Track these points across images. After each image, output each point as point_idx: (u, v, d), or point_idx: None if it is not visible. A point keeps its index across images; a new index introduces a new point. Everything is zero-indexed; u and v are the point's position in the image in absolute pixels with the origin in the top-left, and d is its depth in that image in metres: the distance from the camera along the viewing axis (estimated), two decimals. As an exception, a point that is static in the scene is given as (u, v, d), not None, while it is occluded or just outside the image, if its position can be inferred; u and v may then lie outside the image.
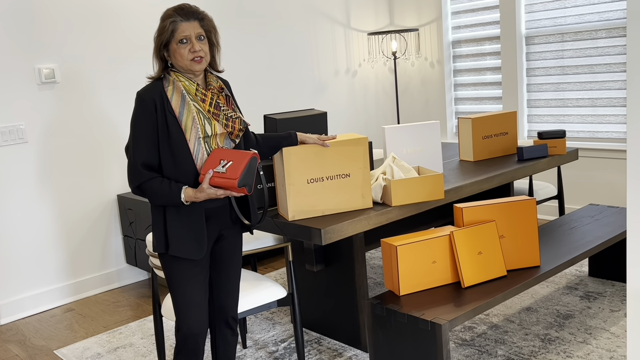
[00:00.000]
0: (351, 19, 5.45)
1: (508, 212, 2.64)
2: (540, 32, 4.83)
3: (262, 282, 2.68)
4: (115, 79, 4.13)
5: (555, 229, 3.27)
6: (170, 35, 2.10)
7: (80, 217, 4.05)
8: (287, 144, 2.48)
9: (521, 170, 3.32)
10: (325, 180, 2.57)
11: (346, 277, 2.94)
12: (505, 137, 3.62)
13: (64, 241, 4.00)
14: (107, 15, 4.07)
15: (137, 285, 4.23)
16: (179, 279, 2.17)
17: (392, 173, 2.76)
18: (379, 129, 5.76)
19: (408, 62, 5.71)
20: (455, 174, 3.22)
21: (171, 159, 2.11)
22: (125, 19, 4.15)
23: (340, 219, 2.53)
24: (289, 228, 2.56)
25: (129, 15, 4.16)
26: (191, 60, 2.11)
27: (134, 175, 2.11)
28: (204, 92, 2.16)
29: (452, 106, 5.55)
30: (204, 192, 2.06)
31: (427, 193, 2.71)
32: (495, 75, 5.19)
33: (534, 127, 5.01)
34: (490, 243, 2.57)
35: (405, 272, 2.47)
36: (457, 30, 5.40)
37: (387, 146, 3.12)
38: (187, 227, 2.13)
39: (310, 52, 5.20)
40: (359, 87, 5.59)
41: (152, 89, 2.12)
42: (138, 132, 2.11)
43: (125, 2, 4.14)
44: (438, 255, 2.52)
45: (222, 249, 2.29)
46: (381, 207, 2.67)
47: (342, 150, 2.58)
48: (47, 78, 3.83)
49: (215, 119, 2.14)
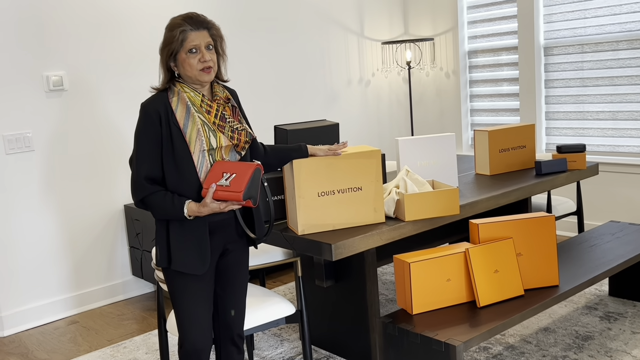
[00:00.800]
0: (365, 28, 5.43)
1: (526, 229, 2.59)
2: (559, 43, 4.78)
3: (270, 297, 2.64)
4: (123, 87, 4.13)
5: (574, 247, 3.20)
6: (180, 44, 2.08)
7: (86, 227, 4.04)
8: (297, 156, 2.45)
9: (539, 185, 3.26)
10: (336, 193, 2.53)
11: (357, 294, 2.89)
12: (523, 150, 3.56)
13: (68, 252, 3.98)
14: (115, 23, 4.07)
15: (143, 297, 4.21)
16: (182, 293, 2.14)
17: (406, 187, 2.72)
18: (393, 140, 5.72)
19: (423, 72, 5.68)
20: (471, 188, 3.16)
21: (175, 171, 2.09)
22: (135, 27, 4.15)
23: (352, 234, 2.48)
24: (299, 242, 2.52)
25: (138, 23, 4.16)
26: (200, 70, 2.09)
27: (137, 189, 2.09)
28: (209, 103, 2.14)
29: (467, 118, 5.50)
30: (208, 206, 2.04)
31: (442, 208, 2.66)
32: (512, 86, 5.14)
33: (553, 140, 4.95)
34: (507, 261, 2.52)
35: (419, 290, 2.42)
36: (474, 40, 5.36)
37: (400, 158, 3.08)
38: (190, 241, 2.10)
39: (323, 61, 5.18)
40: (372, 97, 5.57)
41: (157, 101, 2.10)
42: (142, 145, 2.09)
43: (135, 10, 4.15)
44: (453, 273, 2.46)
45: (228, 264, 2.26)
46: (394, 222, 2.62)
47: (354, 162, 2.54)
48: (55, 85, 3.83)
49: (221, 131, 2.12)
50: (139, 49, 4.18)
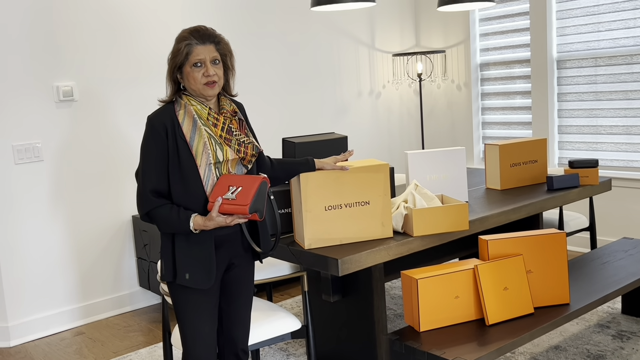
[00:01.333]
0: (376, 40, 5.44)
1: (536, 246, 2.56)
2: (572, 56, 4.75)
3: (276, 312, 2.62)
4: (133, 98, 4.15)
5: (586, 264, 3.17)
6: (185, 58, 2.08)
7: (93, 237, 4.04)
8: (304, 170, 2.44)
9: (551, 201, 3.23)
10: (343, 207, 2.52)
11: (364, 309, 2.87)
12: (535, 165, 3.53)
13: (76, 262, 3.99)
14: (126, 34, 4.10)
15: (150, 309, 4.20)
16: (186, 308, 2.14)
17: (414, 201, 2.70)
18: (403, 153, 5.70)
19: (434, 85, 5.66)
20: (481, 203, 3.14)
21: (181, 185, 2.09)
22: (145, 38, 4.18)
23: (359, 249, 2.47)
24: (305, 257, 2.51)
25: (148, 35, 4.19)
26: (204, 84, 2.10)
27: (143, 202, 2.09)
28: (216, 116, 2.14)
29: (479, 130, 5.48)
30: (214, 220, 2.03)
31: (451, 223, 2.64)
32: (525, 99, 5.12)
33: (565, 154, 4.91)
34: (516, 278, 2.49)
35: (426, 307, 2.40)
36: (486, 52, 5.35)
37: (409, 172, 3.06)
38: (196, 255, 2.10)
39: (333, 73, 5.18)
40: (383, 109, 5.56)
41: (163, 113, 2.11)
42: (148, 158, 2.09)
43: (145, 22, 4.18)
44: (461, 290, 2.44)
45: (233, 278, 2.25)
46: (402, 237, 2.60)
47: (362, 176, 2.53)
48: (65, 96, 3.85)
49: (227, 145, 2.12)
50: (149, 60, 4.21)
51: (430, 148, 5.69)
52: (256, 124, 4.73)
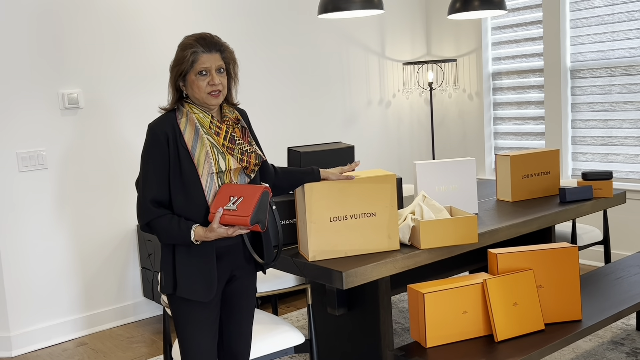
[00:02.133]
0: (386, 48, 5.41)
1: (547, 260, 2.51)
2: (586, 66, 4.71)
3: (279, 325, 2.58)
4: (138, 105, 4.14)
5: (599, 279, 3.10)
6: (190, 65, 2.06)
7: (97, 246, 4.03)
8: (309, 180, 2.41)
9: (563, 214, 3.17)
10: (349, 218, 2.49)
11: (370, 323, 2.82)
12: (547, 176, 3.48)
13: (79, 271, 3.98)
14: (132, 41, 4.10)
15: (154, 320, 4.18)
16: (186, 321, 2.11)
17: (422, 213, 2.66)
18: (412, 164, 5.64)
19: (445, 94, 5.63)
20: (491, 215, 3.09)
21: (182, 194, 2.06)
22: (151, 45, 4.18)
23: (364, 261, 2.43)
24: (309, 269, 2.47)
25: (154, 42, 4.19)
26: (208, 93, 2.08)
27: (143, 212, 2.07)
28: (218, 124, 2.12)
29: (491, 140, 5.43)
30: (215, 231, 2.00)
31: (459, 236, 2.59)
32: (538, 109, 5.07)
33: (579, 165, 4.85)
34: (527, 293, 2.44)
35: (433, 322, 2.35)
36: (498, 61, 5.31)
37: (418, 183, 3.03)
38: (197, 267, 2.07)
39: (342, 81, 5.16)
40: (393, 118, 5.52)
41: (164, 122, 2.09)
42: (148, 167, 2.07)
43: (153, 27, 4.17)
44: (469, 305, 2.39)
45: (234, 291, 2.22)
46: (409, 250, 2.56)
47: (368, 187, 2.49)
48: (70, 103, 3.85)
49: (230, 154, 2.10)
50: (156, 67, 4.20)
51: (440, 158, 5.64)
52: (262, 133, 4.71)
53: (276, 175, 2.36)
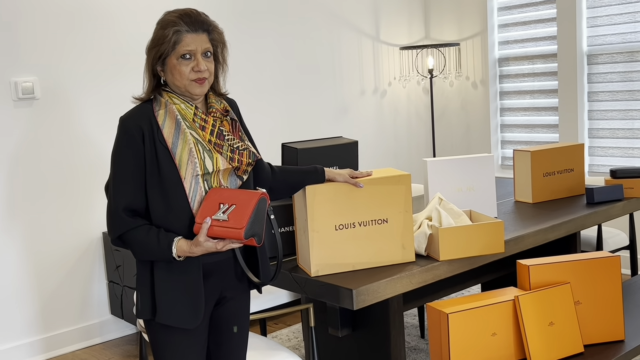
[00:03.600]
0: (381, 31, 5.31)
1: (586, 272, 2.38)
2: (605, 50, 4.66)
3: (275, 351, 2.43)
4: (104, 96, 4.00)
5: (635, 291, 2.99)
6: (172, 47, 1.91)
7: (56, 259, 3.87)
8: (313, 181, 2.27)
9: (592, 217, 3.06)
10: (357, 226, 2.35)
11: (379, 346, 2.68)
12: (571, 174, 3.38)
13: (35, 287, 3.80)
14: (97, 22, 3.95)
15: (123, 341, 4.04)
16: (167, 351, 1.96)
17: (440, 219, 2.52)
18: (410, 160, 5.56)
19: (446, 82, 5.55)
20: (512, 220, 2.97)
21: (162, 201, 1.90)
22: (120, 26, 4.02)
23: (376, 277, 2.29)
24: (311, 286, 2.32)
25: (123, 22, 4.02)
26: (192, 80, 1.92)
27: (115, 222, 1.90)
28: (204, 117, 1.97)
29: (497, 134, 5.37)
30: (201, 245, 1.85)
31: (484, 245, 2.46)
32: (550, 99, 5.02)
33: (596, 161, 4.81)
34: (564, 311, 2.31)
35: (458, 346, 2.21)
36: (505, 45, 5.25)
37: (429, 183, 2.89)
38: (180, 288, 1.91)
39: (334, 69, 5.04)
40: (389, 109, 5.42)
41: (139, 114, 1.93)
42: (120, 168, 1.91)
43: (120, 7, 4.01)
44: (499, 326, 2.26)
45: (225, 314, 2.07)
46: (426, 262, 2.42)
47: (379, 189, 2.35)
48: (24, 93, 3.71)
49: (218, 151, 1.94)
50: (125, 52, 4.04)
51: (441, 154, 5.56)
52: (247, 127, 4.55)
53: (273, 176, 2.20)
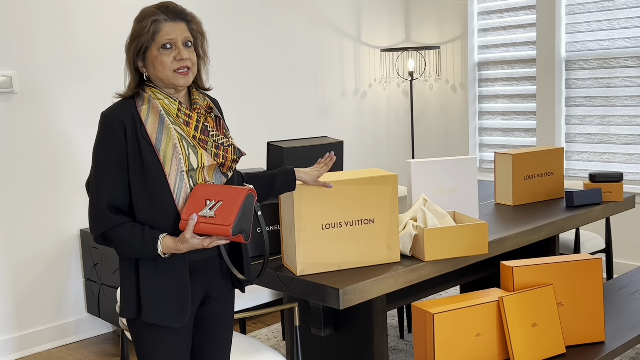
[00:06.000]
0: (362, 32, 5.29)
1: (568, 274, 2.40)
2: (583, 56, 4.69)
3: (260, 351, 2.41)
4: (85, 91, 3.92)
5: (612, 293, 3.03)
6: (151, 38, 1.87)
7: (32, 255, 3.79)
8: (282, 182, 2.17)
9: (572, 220, 3.09)
10: (343, 225, 2.33)
11: (362, 346, 2.67)
12: (550, 178, 3.41)
13: (9, 284, 3.72)
14: (79, 14, 3.86)
15: (99, 339, 3.96)
16: (152, 351, 1.92)
17: (425, 219, 2.52)
18: (390, 161, 5.56)
19: (426, 85, 5.55)
20: (494, 222, 2.99)
21: (146, 198, 1.87)
22: (102, 18, 3.95)
23: (362, 276, 2.28)
24: (297, 285, 2.30)
25: (105, 15, 3.95)
26: (175, 70, 1.88)
27: (98, 220, 1.86)
28: (187, 112, 1.93)
29: (475, 137, 5.39)
30: (187, 242, 1.81)
31: (468, 246, 2.47)
32: (528, 103, 5.04)
33: (573, 165, 4.84)
34: (546, 312, 2.33)
35: (443, 346, 2.21)
36: (485, 50, 5.26)
37: (412, 184, 2.90)
38: (166, 285, 1.88)
39: (315, 69, 5.01)
40: (369, 111, 5.41)
41: (121, 109, 1.89)
42: (103, 165, 1.86)
43: (102, 0, 3.93)
44: (483, 327, 2.26)
45: (209, 313, 2.03)
46: (410, 262, 2.42)
47: (366, 189, 2.34)
48: (2, 87, 3.62)
49: (203, 147, 1.91)
50: (107, 46, 3.97)
51: (420, 156, 5.57)
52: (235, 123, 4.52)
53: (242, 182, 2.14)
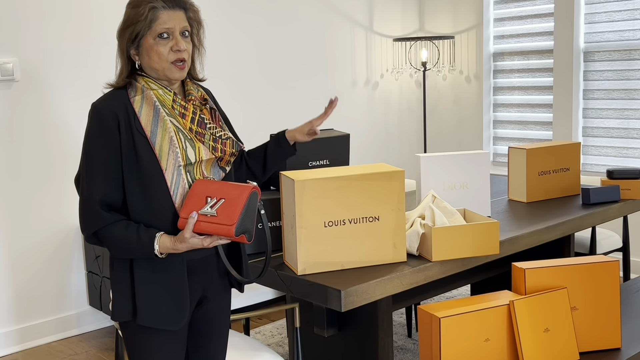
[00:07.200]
0: (374, 21, 5.20)
1: (583, 277, 2.29)
2: (602, 47, 4.59)
3: (258, 352, 2.33)
4: (87, 79, 3.86)
5: (628, 295, 2.91)
6: (148, 26, 1.77)
7: (33, 247, 3.75)
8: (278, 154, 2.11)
9: (588, 218, 2.98)
10: (347, 223, 2.24)
11: (366, 347, 2.59)
12: (566, 174, 3.30)
13: (9, 277, 3.68)
14: (82, 3, 3.80)
15: (101, 333, 3.93)
16: (149, 356, 1.83)
17: (433, 217, 2.42)
18: (401, 155, 5.46)
19: (439, 75, 5.45)
20: (506, 219, 2.88)
21: (141, 194, 1.78)
22: (105, 4, 3.87)
23: (366, 277, 2.18)
24: (298, 285, 2.21)
25: (108, 3, 3.87)
26: (172, 62, 1.80)
27: (89, 218, 1.77)
28: (183, 103, 1.84)
29: (490, 130, 5.30)
30: (186, 242, 1.72)
31: (478, 246, 2.37)
32: (545, 96, 4.95)
33: (590, 160, 4.74)
34: (560, 317, 2.22)
35: (450, 351, 2.11)
36: (501, 40, 5.18)
37: (422, 179, 2.80)
38: (164, 286, 1.79)
39: (325, 58, 4.93)
40: (380, 102, 5.31)
41: (113, 100, 1.80)
42: (94, 159, 1.77)
43: (105, -13, 3.86)
44: (493, 331, 2.16)
45: (205, 315, 1.95)
46: (417, 262, 2.32)
47: (371, 185, 2.24)
48: (4, 74, 3.57)
49: (200, 141, 1.82)
50: (110, 33, 3.89)
51: (433, 149, 5.47)
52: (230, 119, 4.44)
53: (245, 163, 2.09)
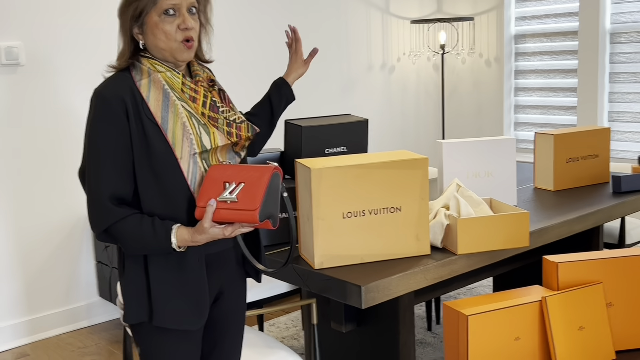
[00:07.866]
0: (391, 3, 5.10)
1: (619, 271, 2.17)
2: (630, 28, 4.50)
3: (273, 350, 2.23)
4: (95, 63, 3.77)
5: (664, 288, 2.77)
6: (152, 1, 1.65)
7: (42, 237, 3.69)
8: (278, 94, 2.25)
9: (619, 208, 2.85)
10: (367, 214, 2.13)
11: (386, 343, 2.48)
12: (595, 160, 3.16)
13: (18, 268, 3.63)
14: None
15: (111, 325, 3.88)
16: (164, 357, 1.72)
17: (458, 207, 2.29)
18: (418, 141, 5.35)
19: (458, 59, 5.35)
20: (533, 209, 2.75)
21: (155, 185, 1.65)
22: (112, -12, 3.77)
23: (387, 271, 2.07)
24: (315, 279, 2.10)
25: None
26: (181, 41, 1.67)
27: (99, 214, 1.63)
28: (193, 86, 1.71)
29: (511, 115, 5.21)
30: (206, 232, 1.59)
31: (506, 238, 2.25)
32: (569, 79, 4.85)
33: (616, 146, 4.65)
34: (595, 314, 2.09)
35: (478, 350, 2.00)
36: (522, 21, 5.07)
37: (444, 167, 2.68)
38: (182, 284, 1.67)
39: (340, 41, 4.83)
40: (397, 86, 5.20)
41: (118, 84, 1.67)
42: (102, 150, 1.63)
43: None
44: (523, 330, 2.05)
45: (222, 312, 1.84)
46: (442, 255, 2.21)
47: (392, 174, 2.13)
48: (8, 59, 3.49)
49: (214, 126, 1.70)
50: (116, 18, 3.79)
51: (451, 135, 5.36)
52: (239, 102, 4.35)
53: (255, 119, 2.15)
